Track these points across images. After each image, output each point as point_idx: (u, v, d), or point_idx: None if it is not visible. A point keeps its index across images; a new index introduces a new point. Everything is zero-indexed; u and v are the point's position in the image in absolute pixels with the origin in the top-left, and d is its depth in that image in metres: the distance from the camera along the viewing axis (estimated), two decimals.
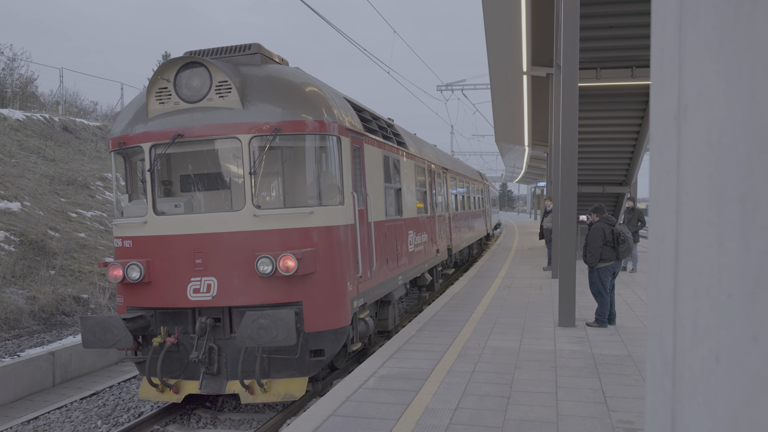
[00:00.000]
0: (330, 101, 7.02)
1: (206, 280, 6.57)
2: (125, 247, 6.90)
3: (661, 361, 0.97)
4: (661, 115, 0.97)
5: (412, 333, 8.44)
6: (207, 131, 6.63)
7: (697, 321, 0.83)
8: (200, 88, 6.67)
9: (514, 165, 53.21)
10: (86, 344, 6.49)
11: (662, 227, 0.97)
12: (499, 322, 9.05)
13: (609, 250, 8.32)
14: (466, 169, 20.18)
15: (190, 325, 6.78)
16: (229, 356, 6.67)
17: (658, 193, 0.99)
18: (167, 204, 6.91)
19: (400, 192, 9.80)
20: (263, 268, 6.34)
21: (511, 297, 11.37)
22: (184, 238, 6.64)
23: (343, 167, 7.00)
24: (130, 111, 7.14)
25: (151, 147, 6.79)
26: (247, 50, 7.16)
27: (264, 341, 6.05)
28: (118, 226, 7.00)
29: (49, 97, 24.47)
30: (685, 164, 0.88)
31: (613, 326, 8.59)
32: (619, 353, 7.09)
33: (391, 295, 9.03)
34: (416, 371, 6.47)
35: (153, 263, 6.73)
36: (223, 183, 7.02)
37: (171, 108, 6.77)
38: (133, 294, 6.83)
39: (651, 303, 1.03)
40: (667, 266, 0.94)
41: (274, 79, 6.81)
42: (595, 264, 8.39)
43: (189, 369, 6.82)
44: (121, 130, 7.01)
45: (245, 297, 6.51)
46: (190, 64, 6.66)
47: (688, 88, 0.87)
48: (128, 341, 6.43)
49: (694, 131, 0.85)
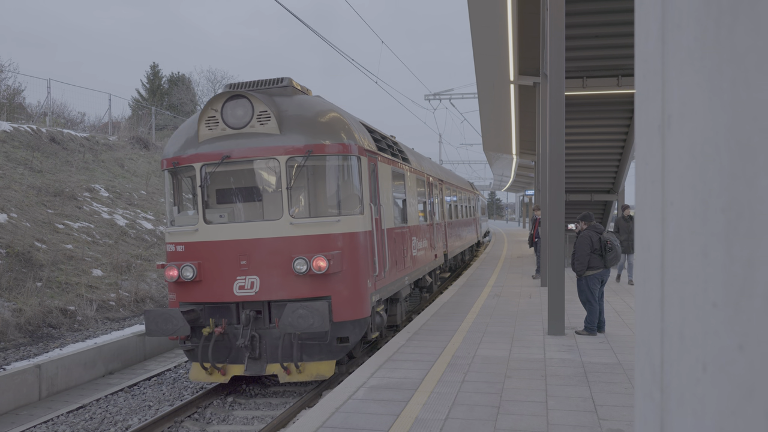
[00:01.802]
0: (351, 126, 8.28)
1: (250, 278, 7.77)
2: (178, 252, 8.10)
3: (649, 369, 0.97)
4: (646, 125, 0.97)
5: (402, 342, 8.42)
6: (250, 153, 7.92)
7: (684, 330, 0.83)
8: (243, 116, 7.94)
9: (502, 174, 53.37)
10: (149, 333, 7.69)
11: (648, 236, 0.97)
12: (488, 331, 9.05)
13: (597, 258, 8.32)
14: (458, 179, 21.34)
15: (234, 317, 7.91)
16: (268, 343, 7.84)
17: (643, 202, 0.99)
18: (214, 214, 8.15)
19: (405, 202, 11.07)
20: (299, 267, 7.55)
21: (500, 305, 11.37)
22: (231, 243, 7.87)
23: (363, 182, 8.23)
24: (181, 136, 8.42)
25: (202, 166, 8.05)
26: (279, 83, 8.43)
27: (302, 328, 7.24)
28: (171, 233, 8.18)
29: (37, 108, 24.30)
30: (669, 174, 0.89)
31: (603, 334, 8.59)
32: (609, 361, 7.09)
33: (399, 294, 10.19)
34: (406, 381, 6.45)
35: (203, 265, 7.94)
36: (263, 196, 8.35)
37: (218, 133, 8.06)
38: (185, 291, 8.00)
39: (638, 312, 1.03)
40: (654, 275, 0.94)
41: (305, 108, 8.09)
42: (583, 272, 8.40)
43: (233, 354, 7.94)
44: (174, 152, 8.27)
45: (283, 292, 7.70)
46: (235, 97, 7.93)
47: (671, 99, 0.88)
48: (186, 330, 7.59)
49: (677, 141, 0.86)
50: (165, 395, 8.59)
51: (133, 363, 10.59)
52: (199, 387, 8.89)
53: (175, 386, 9.02)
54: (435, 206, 14.58)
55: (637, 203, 1.03)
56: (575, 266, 8.42)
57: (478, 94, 18.10)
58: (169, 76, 44.56)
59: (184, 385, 9.07)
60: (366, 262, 8.10)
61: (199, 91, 46.36)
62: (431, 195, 14.13)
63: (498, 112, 19.82)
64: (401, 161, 11.03)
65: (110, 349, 10.09)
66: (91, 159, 19.92)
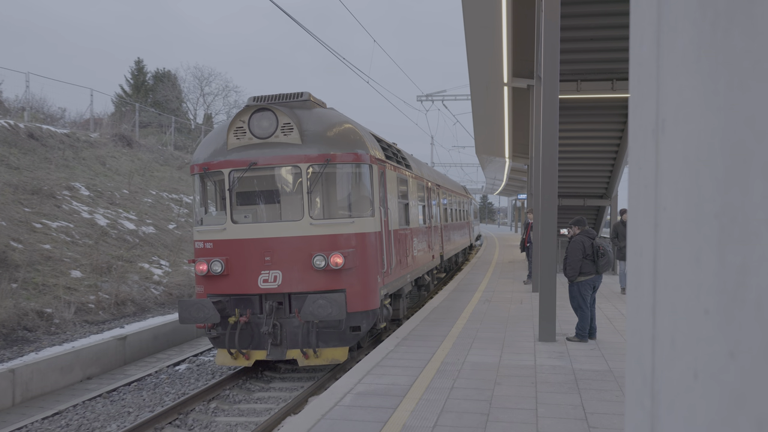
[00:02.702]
0: (364, 137, 9.56)
1: (273, 272, 8.94)
2: (206, 248, 9.24)
3: (640, 377, 0.97)
4: (640, 129, 0.98)
5: (390, 348, 8.41)
6: (275, 161, 9.15)
7: (675, 337, 0.83)
8: (269, 127, 9.15)
9: (494, 177, 53.44)
10: (183, 321, 8.75)
11: (640, 242, 0.97)
12: (478, 336, 9.12)
13: (589, 264, 8.39)
14: (453, 184, 22.60)
15: (257, 308, 9.06)
16: (288, 331, 9.00)
17: (636, 207, 1.00)
18: (240, 214, 9.34)
19: (408, 206, 12.33)
20: (318, 263, 8.74)
21: (491, 311, 11.45)
22: (256, 240, 9.04)
23: (374, 188, 9.50)
24: (210, 144, 9.60)
25: (231, 171, 9.23)
26: (299, 97, 9.70)
27: (322, 316, 8.39)
28: (200, 231, 9.36)
29: (14, 102, 24.05)
30: (663, 179, 0.89)
31: (594, 341, 8.64)
32: (600, 368, 7.14)
33: (402, 290, 11.42)
34: (394, 388, 6.44)
35: (230, 260, 9.05)
36: (286, 199, 9.51)
37: (246, 142, 9.22)
38: (212, 284, 9.11)
39: (630, 318, 1.03)
40: (646, 281, 0.95)
41: (323, 120, 9.36)
42: (574, 277, 8.46)
43: (255, 341, 9.09)
44: (204, 159, 9.44)
45: (302, 285, 8.89)
46: (261, 110, 9.16)
47: (665, 103, 0.88)
48: (216, 317, 8.66)
49: (671, 146, 0.87)
50: (145, 401, 8.57)
51: (112, 368, 10.52)
52: (181, 393, 8.98)
53: (155, 392, 9.00)
54: (433, 210, 15.80)
55: (630, 208, 1.04)
56: (567, 272, 8.48)
57: (471, 95, 18.16)
58: (154, 72, 44.35)
59: (165, 390, 9.07)
60: (376, 260, 9.36)
61: (185, 88, 46.18)
62: (429, 199, 15.33)
63: (491, 115, 19.89)
64: (404, 168, 12.30)
65: (89, 353, 10.00)
66: (72, 156, 19.74)
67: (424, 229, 14.18)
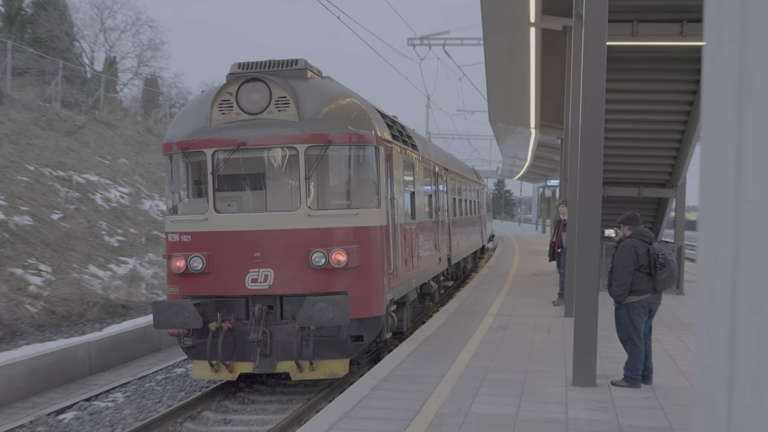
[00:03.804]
0: (370, 114, 10.89)
1: (263, 271, 10.14)
2: (183, 242, 10.45)
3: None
4: (717, 90, 0.98)
5: (365, 393, 8.42)
6: (268, 141, 10.39)
7: (761, 376, 0.84)
8: (260, 101, 10.32)
9: (515, 155, 53.47)
10: (158, 325, 10.02)
11: (715, 247, 0.98)
12: (488, 378, 9.16)
13: (643, 278, 8.44)
14: (462, 167, 24.29)
15: (243, 312, 10.30)
16: (280, 339, 10.25)
17: (710, 199, 1.00)
18: (223, 203, 10.57)
19: (414, 196, 13.83)
20: (317, 260, 9.98)
21: (506, 343, 11.53)
22: (244, 233, 10.27)
23: (380, 174, 10.79)
24: (188, 119, 10.90)
25: (214, 152, 10.43)
26: (293, 65, 10.88)
27: (323, 321, 9.55)
28: (174, 221, 10.68)
29: None
30: (747, 160, 0.90)
31: (649, 386, 8.70)
32: (657, 425, 7.18)
33: (407, 297, 12.87)
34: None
35: (213, 256, 10.27)
36: (279, 186, 10.79)
37: (233, 118, 10.43)
38: (190, 283, 10.34)
39: (699, 352, 1.05)
40: (721, 301, 0.95)
41: (323, 94, 10.70)
42: (623, 297, 8.50)
43: (238, 351, 10.35)
44: (183, 136, 10.67)
45: (297, 286, 10.14)
46: (252, 80, 10.32)
47: (753, 54, 0.89)
48: (197, 322, 9.83)
49: (760, 113, 0.87)
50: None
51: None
52: None
53: None
54: (440, 200, 17.50)
55: (701, 201, 1.04)
56: (613, 289, 8.54)
57: (484, 40, 18.14)
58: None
59: None
60: (382, 258, 10.71)
61: (79, 21, 45.64)
62: (436, 187, 16.93)
63: (511, 67, 19.86)
64: (411, 149, 13.73)
65: None
66: None
67: (430, 224, 15.77)
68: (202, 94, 12.41)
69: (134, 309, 17.05)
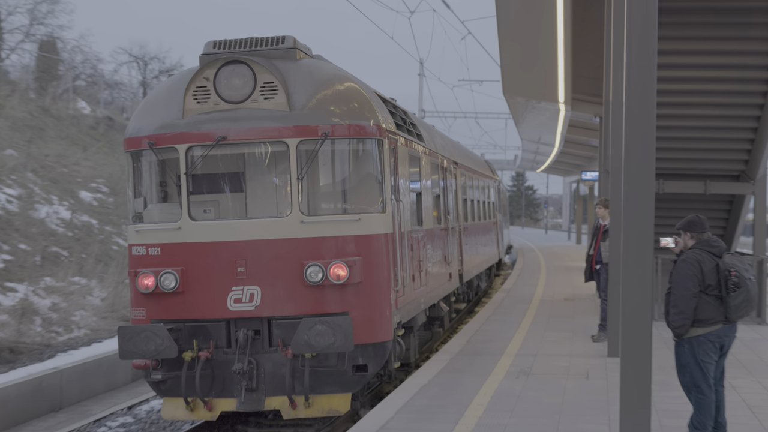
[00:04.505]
0: (372, 101, 11.81)
1: (249, 289, 10.94)
2: (151, 256, 11.23)
3: None
4: None
5: None
6: (252, 134, 11.22)
7: None
8: (243, 87, 11.15)
9: (538, 139, 53.62)
10: (124, 355, 10.80)
11: None
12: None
13: (711, 303, 8.36)
14: (473, 159, 25.77)
15: (224, 339, 11.11)
16: (267, 371, 11.03)
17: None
18: (199, 209, 11.37)
19: (420, 197, 14.77)
20: (313, 276, 10.82)
21: (530, 393, 11.56)
22: (225, 245, 11.10)
23: (384, 172, 11.69)
24: (156, 108, 11.74)
25: (189, 149, 11.24)
26: (280, 43, 11.71)
27: (321, 347, 10.34)
28: (140, 232, 11.48)
29: None
30: None
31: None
32: None
33: (415, 320, 13.82)
34: None
35: (188, 272, 11.06)
36: (267, 188, 11.81)
37: (210, 108, 11.26)
38: (160, 305, 11.07)
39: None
40: None
41: (316, 78, 11.61)
42: (684, 329, 8.43)
43: (218, 385, 11.15)
44: (150, 130, 11.47)
45: (290, 307, 11.01)
46: (232, 62, 11.13)
47: None
48: (173, 350, 10.58)
49: None
50: None
51: None
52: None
53: None
54: (449, 202, 18.68)
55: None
56: (672, 318, 8.49)
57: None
58: None
59: None
60: (389, 273, 11.63)
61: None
62: (445, 186, 18.14)
63: (533, 20, 19.76)
64: (416, 140, 14.76)
65: None
66: None
67: (439, 231, 16.82)
68: (171, 78, 13.18)
69: (26, 353, 16.80)
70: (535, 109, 36.02)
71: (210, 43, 11.84)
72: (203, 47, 11.80)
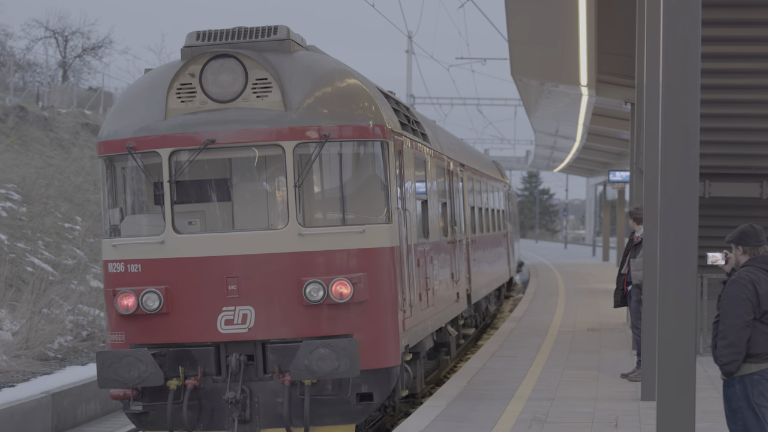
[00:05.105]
0: (376, 99, 11.79)
1: (241, 309, 10.90)
2: (131, 273, 11.15)
3: None
4: None
5: None
6: (244, 137, 11.21)
7: None
8: (233, 84, 11.11)
9: (556, 131, 52.72)
10: (103, 383, 10.82)
11: None
12: None
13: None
14: (480, 159, 25.22)
15: (213, 365, 11.05)
16: (262, 401, 11.03)
17: None
18: (183, 221, 11.34)
19: (426, 205, 14.94)
20: (313, 294, 10.79)
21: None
22: (214, 260, 11.04)
23: (390, 178, 11.69)
24: (135, 108, 11.64)
25: (172, 153, 11.18)
26: (272, 34, 11.62)
27: (324, 373, 10.43)
28: (117, 247, 11.37)
29: None
30: None
31: None
32: None
33: (422, 345, 13.87)
34: None
35: (173, 290, 11.01)
36: (261, 197, 11.91)
37: (196, 108, 11.22)
38: (142, 328, 11.04)
39: None
40: None
41: (313, 73, 11.57)
42: (735, 365, 8.02)
43: (206, 417, 11.13)
44: (129, 133, 11.34)
45: (286, 329, 11.05)
46: (220, 56, 11.10)
47: None
48: (158, 377, 10.62)
49: None
50: None
51: None
52: None
53: None
54: (456, 211, 18.65)
55: None
56: (720, 352, 8.08)
57: None
58: None
59: None
60: (396, 290, 11.61)
61: None
62: (451, 192, 18.21)
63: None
64: (421, 140, 14.79)
65: None
66: None
67: (445, 245, 16.92)
68: (151, 74, 12.82)
69: None
70: (552, 94, 35.51)
71: (192, 34, 11.67)
72: (185, 39, 11.62)
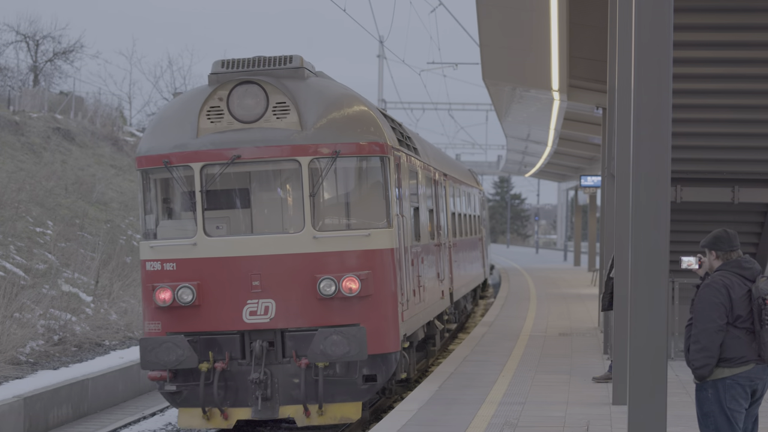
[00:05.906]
0: (379, 120, 13.83)
1: (263, 302, 12.84)
2: (167, 271, 13.01)
3: None
4: None
5: None
6: (266, 153, 13.13)
7: None
8: (255, 107, 12.97)
9: (527, 136, 52.60)
10: (146, 365, 12.86)
11: None
12: None
13: (741, 338, 7.98)
14: (458, 168, 27.47)
15: (238, 350, 12.95)
16: (281, 381, 12.92)
17: None
18: (212, 225, 13.14)
19: (418, 212, 16.73)
20: (326, 289, 12.68)
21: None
22: (240, 260, 12.97)
23: (391, 188, 13.53)
24: (170, 127, 13.63)
25: (203, 167, 13.01)
26: (288, 63, 13.56)
27: (337, 356, 12.33)
28: (155, 248, 13.29)
29: None
30: None
31: None
32: None
33: (415, 335, 15.71)
34: None
35: (204, 286, 12.86)
36: (280, 205, 13.81)
37: (224, 127, 13.09)
38: (176, 319, 12.90)
39: None
40: None
41: (325, 97, 13.61)
42: (708, 369, 7.99)
43: (232, 395, 12.98)
44: (166, 149, 13.22)
45: (303, 319, 12.98)
46: (245, 83, 12.93)
47: None
48: (193, 360, 12.42)
49: None
50: None
51: None
52: None
53: None
54: (441, 217, 20.90)
55: None
56: (692, 356, 8.09)
57: None
58: None
59: None
60: (396, 286, 13.48)
61: None
62: (437, 199, 20.42)
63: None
64: (414, 154, 16.78)
65: None
66: None
67: (432, 247, 18.98)
68: (182, 98, 15.32)
69: None
70: (523, 99, 35.37)
71: (218, 62, 13.60)
72: (211, 66, 13.55)
